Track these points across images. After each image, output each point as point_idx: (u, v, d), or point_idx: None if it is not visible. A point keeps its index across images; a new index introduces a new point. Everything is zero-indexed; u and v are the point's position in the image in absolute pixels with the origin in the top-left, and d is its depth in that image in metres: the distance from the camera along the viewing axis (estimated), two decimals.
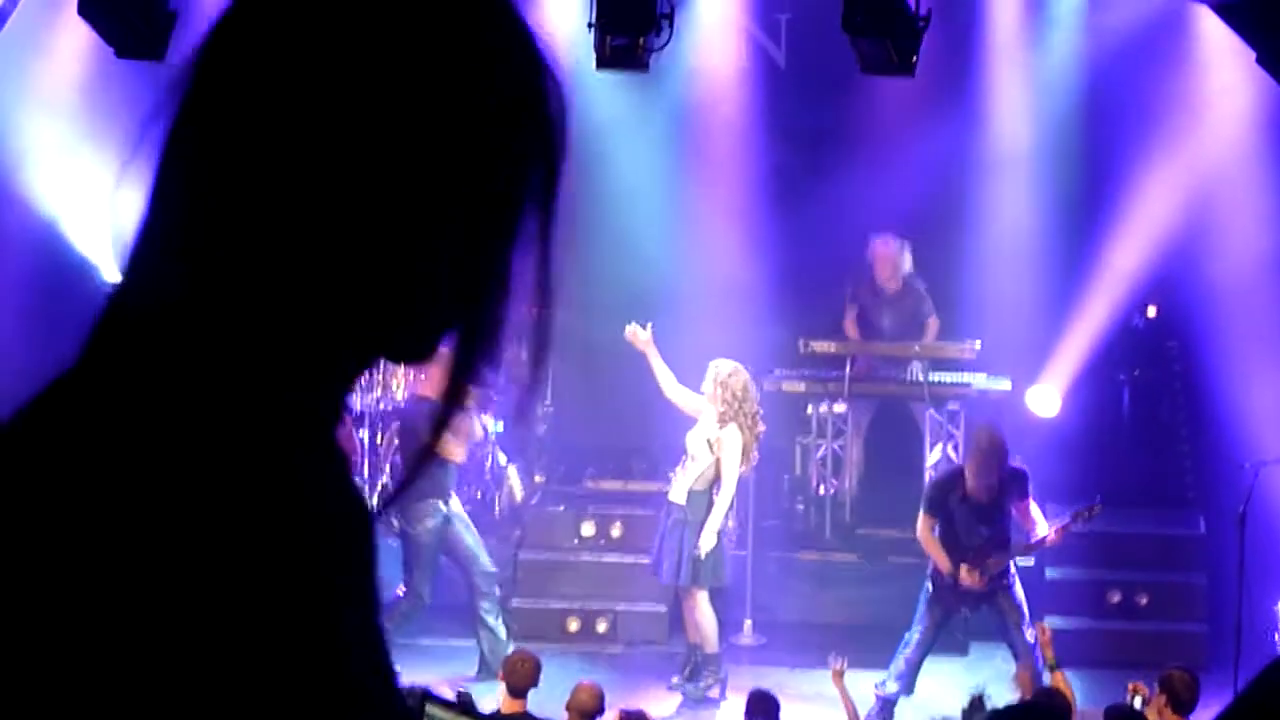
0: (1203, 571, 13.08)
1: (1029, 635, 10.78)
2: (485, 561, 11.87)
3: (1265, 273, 13.44)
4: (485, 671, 11.41)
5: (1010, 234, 14.11)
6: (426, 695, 5.36)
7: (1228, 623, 11.25)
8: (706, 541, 11.39)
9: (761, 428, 11.60)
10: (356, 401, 13.78)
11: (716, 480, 11.46)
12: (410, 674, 11.37)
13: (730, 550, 11.93)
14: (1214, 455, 13.23)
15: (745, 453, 11.47)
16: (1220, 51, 13.20)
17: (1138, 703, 8.96)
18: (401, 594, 11.60)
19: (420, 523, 11.51)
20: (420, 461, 1.53)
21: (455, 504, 11.83)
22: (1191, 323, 14.02)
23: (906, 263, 13.70)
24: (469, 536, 11.85)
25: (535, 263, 1.48)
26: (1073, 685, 9.81)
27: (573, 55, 13.81)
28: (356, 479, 11.49)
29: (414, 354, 1.47)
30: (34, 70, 14.06)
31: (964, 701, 9.20)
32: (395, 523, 11.69)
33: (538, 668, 9.33)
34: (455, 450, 11.54)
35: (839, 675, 10.02)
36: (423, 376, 13.71)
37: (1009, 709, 7.82)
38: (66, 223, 14.24)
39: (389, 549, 11.60)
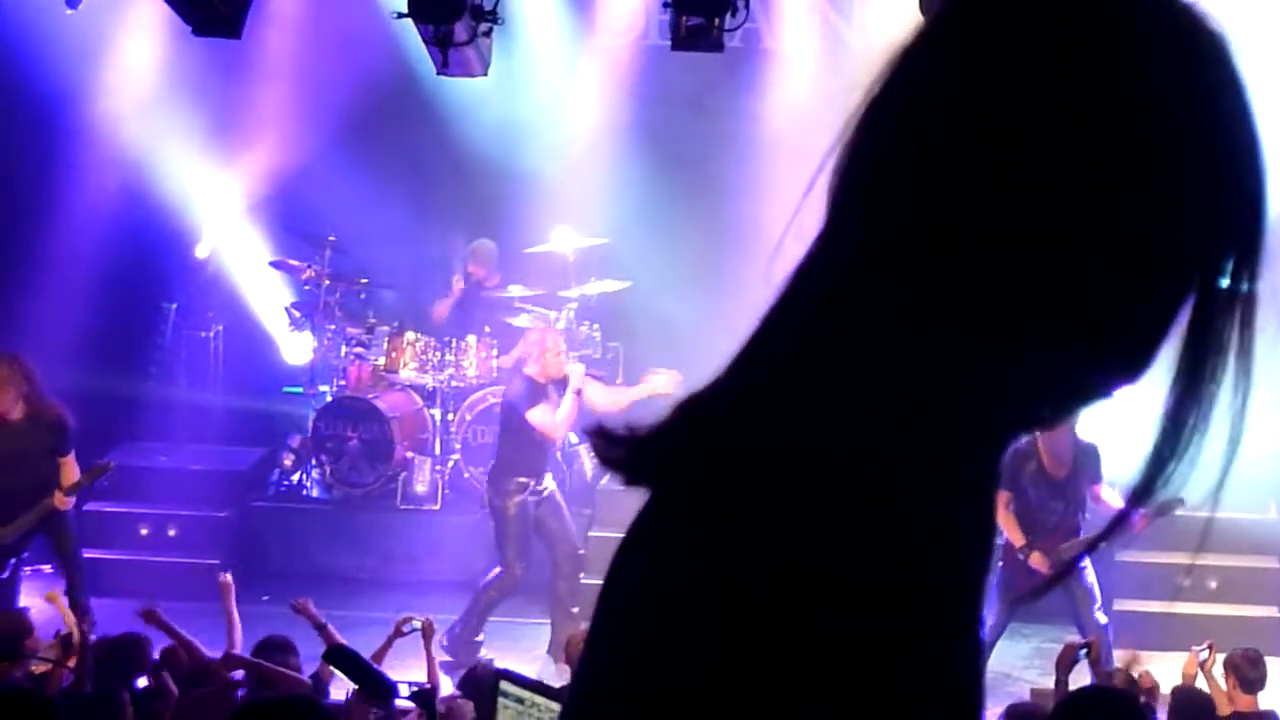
0: (1274, 555, 12.99)
1: (1100, 618, 10.73)
2: (573, 544, 11.87)
3: None
4: (556, 650, 11.39)
5: None
6: (502, 673, 5.40)
7: None
8: None
9: None
10: (429, 380, 13.82)
11: None
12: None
13: None
14: None
15: None
16: None
17: (1204, 656, 8.94)
18: (498, 572, 11.66)
19: (510, 498, 11.49)
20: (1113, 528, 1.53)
21: (550, 483, 11.80)
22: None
23: None
24: (559, 518, 11.82)
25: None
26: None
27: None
28: (428, 456, 11.35)
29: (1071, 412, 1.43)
30: (111, 46, 14.21)
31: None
32: (486, 497, 11.84)
33: None
34: (556, 429, 11.60)
35: None
36: (494, 358, 13.73)
37: (1086, 692, 7.59)
38: (143, 198, 14.38)
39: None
